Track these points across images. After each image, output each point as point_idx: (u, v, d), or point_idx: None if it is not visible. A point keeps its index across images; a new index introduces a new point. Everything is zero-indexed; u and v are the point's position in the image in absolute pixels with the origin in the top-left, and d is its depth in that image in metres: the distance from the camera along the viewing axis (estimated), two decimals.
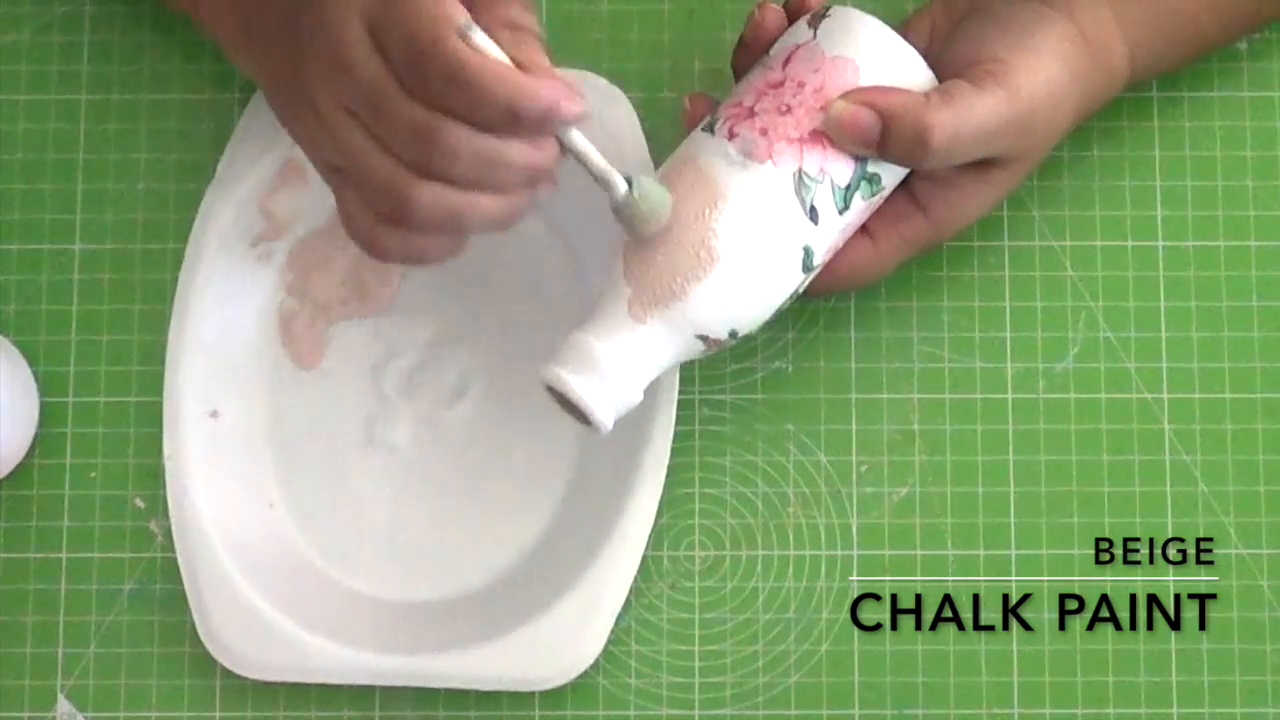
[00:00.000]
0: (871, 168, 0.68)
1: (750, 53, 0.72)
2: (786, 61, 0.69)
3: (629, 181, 0.65)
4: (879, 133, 0.67)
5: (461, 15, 0.60)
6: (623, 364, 0.66)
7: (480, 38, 0.60)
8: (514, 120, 0.60)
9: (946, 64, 0.70)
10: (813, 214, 0.67)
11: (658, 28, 0.80)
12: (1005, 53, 0.69)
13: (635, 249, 0.67)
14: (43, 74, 0.79)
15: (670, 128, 0.71)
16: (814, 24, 0.70)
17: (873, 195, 0.69)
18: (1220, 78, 0.79)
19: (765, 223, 0.67)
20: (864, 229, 0.71)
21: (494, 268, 0.77)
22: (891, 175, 0.70)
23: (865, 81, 0.68)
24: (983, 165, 0.70)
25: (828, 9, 0.70)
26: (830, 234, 0.68)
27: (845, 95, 0.67)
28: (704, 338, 0.67)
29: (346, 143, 0.62)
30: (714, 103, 0.71)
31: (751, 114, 0.68)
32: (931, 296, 0.77)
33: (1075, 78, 0.70)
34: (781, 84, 0.68)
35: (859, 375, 0.77)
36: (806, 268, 0.68)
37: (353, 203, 0.63)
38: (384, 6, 0.60)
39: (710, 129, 0.68)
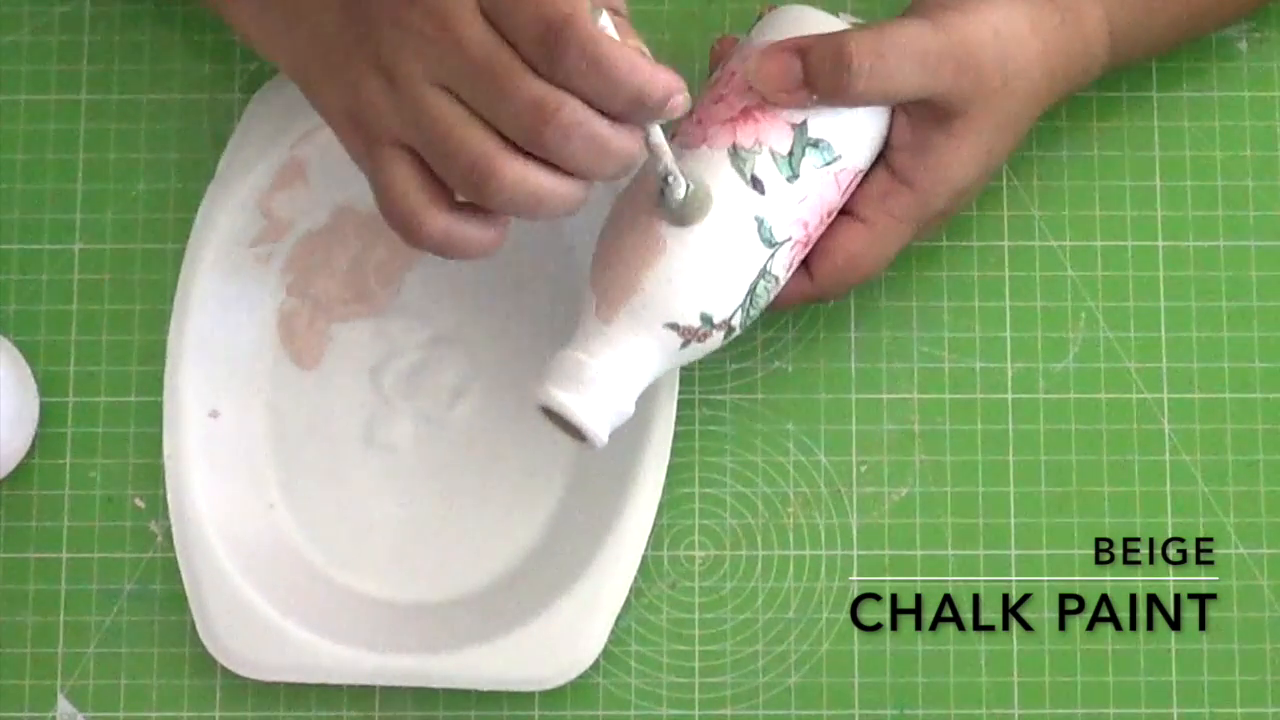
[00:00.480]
0: (813, 133, 0.68)
1: None
2: (724, 65, 0.71)
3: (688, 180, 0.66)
4: (800, 69, 0.67)
5: None
6: (608, 373, 0.66)
7: (605, 20, 0.60)
8: (638, 106, 0.61)
9: None
10: (756, 184, 0.67)
11: (658, 28, 0.80)
12: (948, 1, 0.70)
13: (596, 257, 0.68)
14: (43, 74, 0.79)
15: (670, 127, 0.71)
16: (750, 29, 0.71)
17: (829, 164, 0.69)
18: (1220, 78, 0.79)
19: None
20: (855, 216, 0.71)
21: (494, 268, 0.77)
22: (844, 141, 0.69)
23: None
24: (943, 117, 0.69)
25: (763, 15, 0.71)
26: (785, 203, 0.68)
27: (761, 50, 0.68)
28: (674, 325, 0.67)
29: (434, 115, 0.61)
30: (736, 41, 0.72)
31: (690, 114, 0.69)
32: (931, 296, 0.77)
33: (1038, 35, 0.70)
34: (717, 82, 0.70)
35: (859, 375, 0.77)
36: (767, 241, 0.68)
37: (407, 180, 0.63)
38: None
39: None
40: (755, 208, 0.67)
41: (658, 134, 0.64)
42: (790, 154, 0.68)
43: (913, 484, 0.76)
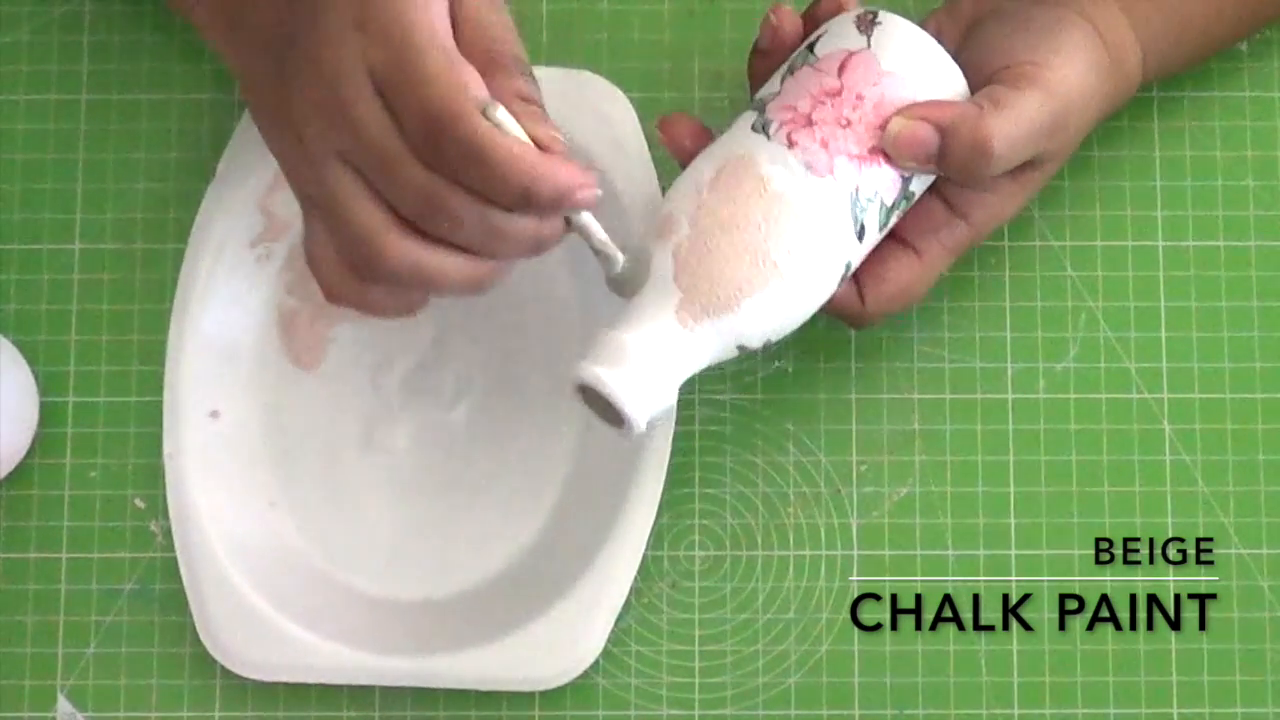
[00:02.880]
0: (912, 186, 0.69)
1: (770, 59, 0.71)
2: (842, 69, 0.68)
3: (624, 252, 0.65)
4: (938, 147, 0.67)
5: (481, 88, 0.59)
6: (662, 366, 0.66)
7: (502, 114, 0.59)
8: (528, 202, 0.60)
9: (968, 70, 0.70)
10: (861, 232, 0.67)
11: (658, 28, 0.80)
12: (1033, 54, 0.69)
13: (690, 252, 0.66)
14: (43, 74, 0.79)
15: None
16: (865, 30, 0.69)
17: (903, 211, 0.70)
18: (1220, 78, 0.79)
19: (822, 238, 0.66)
20: (907, 244, 0.71)
21: None
22: (920, 194, 0.70)
23: (919, 98, 0.68)
24: (1020, 167, 0.70)
25: (876, 16, 0.69)
26: (867, 249, 0.69)
27: (901, 112, 0.67)
28: (743, 346, 0.67)
29: (331, 185, 0.61)
30: (799, 21, 0.71)
31: (810, 122, 0.67)
32: (931, 296, 0.77)
33: (1100, 77, 0.71)
34: (839, 93, 0.68)
35: (859, 375, 0.77)
36: (842, 281, 0.68)
37: (321, 239, 0.63)
38: (398, 68, 0.59)
39: (764, 130, 0.67)
40: (850, 254, 0.68)
41: (585, 216, 0.63)
42: (892, 207, 0.68)
43: (913, 484, 0.76)
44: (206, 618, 0.73)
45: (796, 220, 0.66)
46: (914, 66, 0.68)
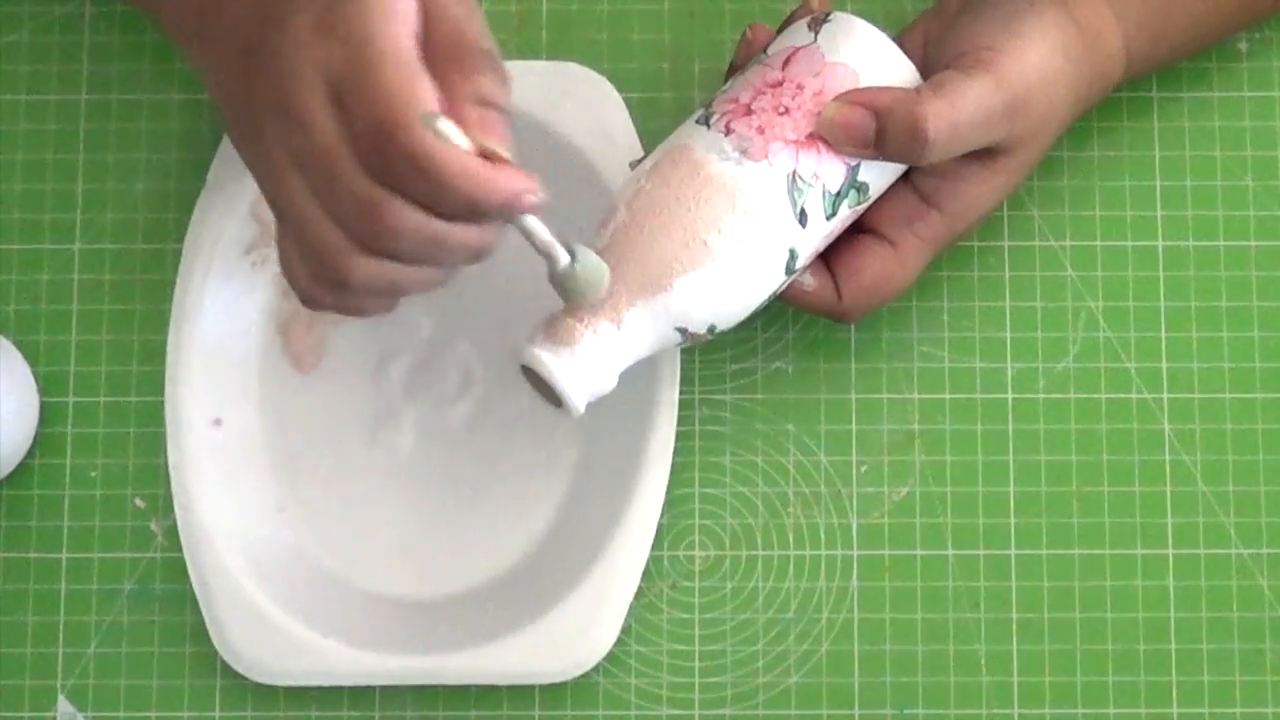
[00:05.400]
0: (862, 176, 0.68)
1: None
2: (786, 62, 0.69)
3: (571, 253, 0.65)
4: (874, 131, 0.67)
5: (429, 98, 0.59)
6: (601, 349, 0.66)
7: (445, 125, 0.59)
8: (473, 212, 0.60)
9: (938, 64, 0.70)
10: (802, 217, 0.67)
11: (658, 28, 0.80)
12: (991, 40, 0.69)
13: (623, 234, 0.67)
14: (43, 74, 0.79)
15: (670, 128, 0.71)
16: (815, 27, 0.70)
17: (859, 204, 0.69)
18: (1220, 78, 0.79)
19: (756, 222, 0.67)
20: (882, 236, 0.71)
21: (494, 265, 0.77)
22: (879, 185, 0.70)
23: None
24: (986, 154, 0.70)
25: (829, 14, 0.70)
26: (815, 239, 0.69)
27: (837, 98, 0.68)
28: (683, 330, 0.67)
29: (291, 196, 0.61)
30: (773, 35, 0.71)
31: (749, 111, 0.68)
32: (931, 296, 0.77)
33: (1070, 61, 0.70)
34: (780, 84, 0.69)
35: (859, 375, 0.77)
36: (789, 270, 0.68)
37: (292, 250, 0.63)
38: (352, 75, 0.59)
39: (705, 122, 0.68)
40: (793, 239, 0.68)
41: (527, 218, 0.62)
42: (838, 193, 0.68)
43: (913, 484, 0.76)
44: (222, 628, 0.73)
45: (728, 201, 0.67)
46: (860, 59, 0.69)
